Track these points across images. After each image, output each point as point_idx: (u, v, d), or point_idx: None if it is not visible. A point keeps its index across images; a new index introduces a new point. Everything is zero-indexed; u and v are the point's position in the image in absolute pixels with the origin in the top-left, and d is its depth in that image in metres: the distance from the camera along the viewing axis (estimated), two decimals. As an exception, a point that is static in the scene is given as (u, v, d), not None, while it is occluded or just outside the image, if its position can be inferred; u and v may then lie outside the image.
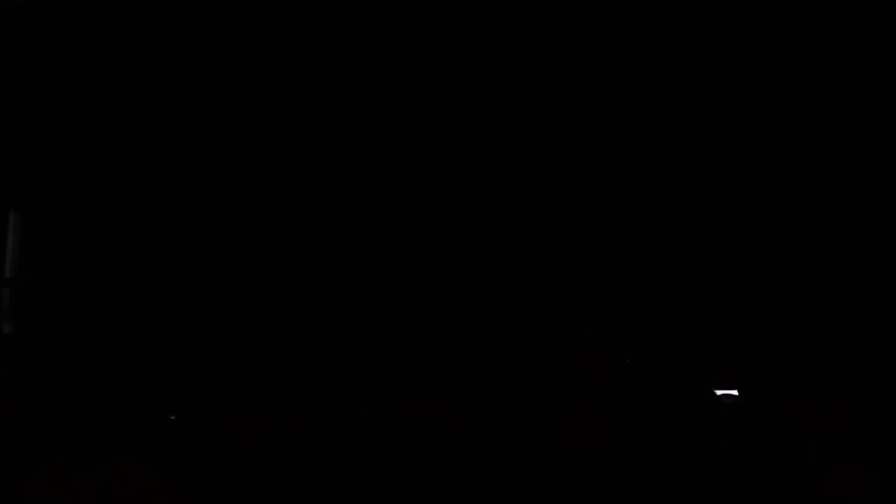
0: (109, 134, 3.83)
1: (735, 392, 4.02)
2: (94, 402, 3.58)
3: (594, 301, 4.08)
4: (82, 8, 3.84)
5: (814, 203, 4.06)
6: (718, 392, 4.03)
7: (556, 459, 3.89)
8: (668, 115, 4.10)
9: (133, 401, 3.62)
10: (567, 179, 4.12)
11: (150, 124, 3.87)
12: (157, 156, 3.86)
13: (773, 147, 4.09)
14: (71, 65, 3.87)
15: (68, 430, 3.47)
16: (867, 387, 3.95)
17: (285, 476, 3.66)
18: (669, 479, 3.87)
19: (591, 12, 4.01)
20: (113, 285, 3.73)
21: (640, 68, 4.07)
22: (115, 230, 3.75)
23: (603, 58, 4.07)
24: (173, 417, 3.58)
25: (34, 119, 3.79)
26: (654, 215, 4.09)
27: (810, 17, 3.97)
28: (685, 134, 4.11)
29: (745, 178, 4.10)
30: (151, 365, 3.69)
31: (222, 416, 3.66)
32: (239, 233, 3.87)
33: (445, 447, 3.85)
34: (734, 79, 4.06)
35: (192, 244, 3.83)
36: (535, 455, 3.89)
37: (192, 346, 3.73)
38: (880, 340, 3.96)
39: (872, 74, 3.98)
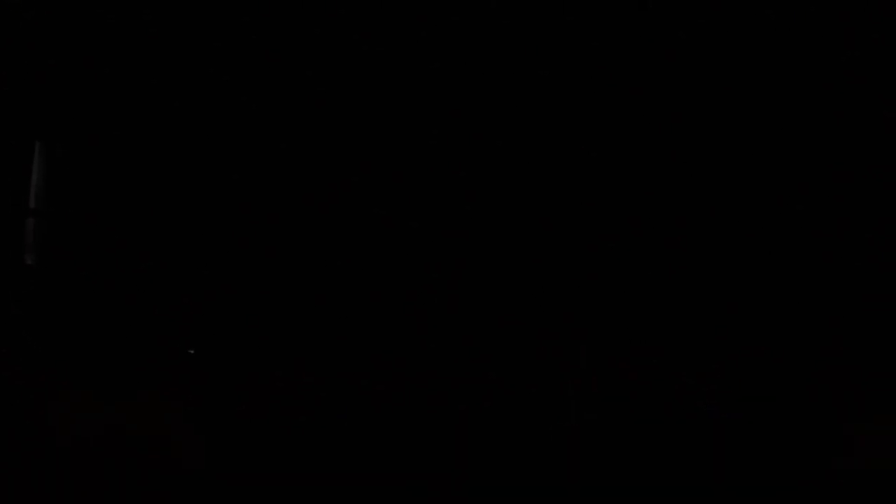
0: (135, 70, 3.82)
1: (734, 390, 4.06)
2: (114, 335, 3.60)
3: (595, 301, 4.10)
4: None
5: (814, 204, 4.09)
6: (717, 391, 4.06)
7: (558, 459, 3.92)
8: (668, 116, 4.12)
9: (153, 335, 3.64)
10: (567, 180, 4.13)
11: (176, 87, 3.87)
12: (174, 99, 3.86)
13: (774, 148, 4.11)
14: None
15: (89, 363, 3.50)
16: (868, 387, 3.97)
17: (298, 423, 3.71)
18: (671, 480, 3.90)
19: (591, 12, 4.01)
20: (137, 220, 3.73)
21: (640, 69, 4.08)
22: (141, 162, 3.75)
23: (602, 60, 4.08)
24: (192, 351, 3.60)
25: (56, 50, 3.77)
26: (654, 216, 4.10)
27: (810, 17, 3.98)
28: (685, 135, 4.12)
29: (745, 179, 4.11)
30: (173, 300, 3.71)
31: (240, 357, 3.70)
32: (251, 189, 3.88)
33: (445, 446, 3.88)
34: (735, 79, 4.08)
35: (218, 184, 3.83)
36: (536, 455, 3.92)
37: (212, 285, 3.74)
38: (881, 340, 3.99)
39: (872, 74, 4.01)
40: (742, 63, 4.04)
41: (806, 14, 3.92)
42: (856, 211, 4.02)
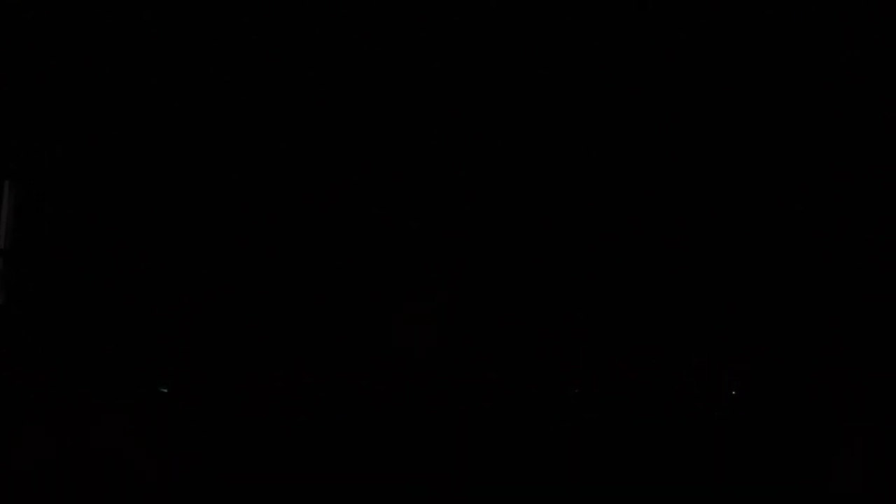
0: (103, 112, 3.82)
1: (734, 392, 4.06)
2: (83, 370, 3.63)
3: (595, 301, 4.10)
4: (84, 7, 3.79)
5: (814, 204, 4.09)
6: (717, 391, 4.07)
7: (558, 459, 3.92)
8: (668, 116, 4.12)
9: (122, 371, 3.67)
10: (567, 180, 4.13)
11: (145, 105, 3.85)
12: (149, 136, 3.85)
13: (774, 148, 4.12)
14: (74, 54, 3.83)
15: (56, 395, 3.54)
16: (866, 386, 3.97)
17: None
18: (670, 480, 3.91)
19: (591, 12, 4.00)
20: (106, 258, 3.73)
21: (640, 69, 4.08)
22: (110, 203, 3.76)
23: (602, 60, 4.08)
24: (165, 390, 3.65)
25: (31, 92, 3.76)
26: (654, 216, 4.10)
27: (810, 17, 3.96)
28: (685, 135, 4.13)
29: (745, 179, 4.12)
30: (142, 337, 3.72)
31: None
32: (225, 210, 3.89)
33: (445, 447, 3.89)
34: (735, 79, 4.08)
35: (183, 220, 3.83)
36: (536, 455, 3.93)
37: (183, 321, 3.76)
38: (880, 340, 3.99)
39: (873, 74, 4.00)
40: (742, 63, 4.04)
41: (806, 14, 3.92)
42: (856, 211, 4.03)
